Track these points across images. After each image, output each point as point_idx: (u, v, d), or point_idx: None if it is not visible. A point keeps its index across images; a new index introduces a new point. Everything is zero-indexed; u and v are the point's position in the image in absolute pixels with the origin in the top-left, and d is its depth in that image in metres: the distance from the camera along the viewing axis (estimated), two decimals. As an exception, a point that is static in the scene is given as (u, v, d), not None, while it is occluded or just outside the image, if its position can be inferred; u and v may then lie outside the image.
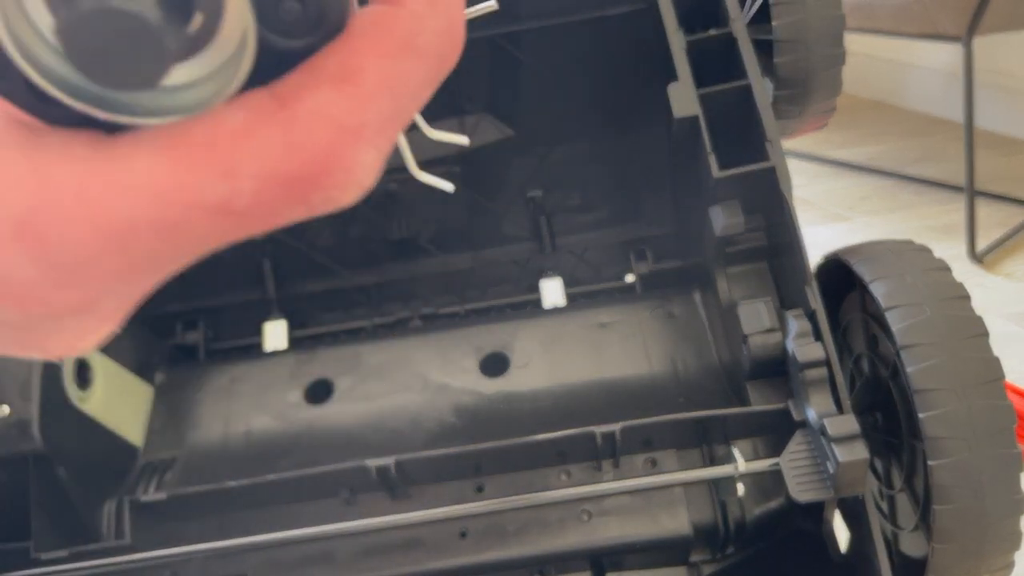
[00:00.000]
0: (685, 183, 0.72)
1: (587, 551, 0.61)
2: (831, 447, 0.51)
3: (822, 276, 0.63)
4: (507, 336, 0.75)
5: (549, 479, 0.62)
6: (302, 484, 0.59)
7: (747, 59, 0.63)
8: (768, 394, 0.60)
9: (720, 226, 0.60)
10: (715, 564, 0.64)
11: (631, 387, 0.70)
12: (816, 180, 1.88)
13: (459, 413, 0.70)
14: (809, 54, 0.67)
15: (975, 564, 0.54)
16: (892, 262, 0.57)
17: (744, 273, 0.64)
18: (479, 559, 0.60)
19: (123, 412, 0.68)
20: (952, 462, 0.51)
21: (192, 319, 0.84)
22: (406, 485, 0.61)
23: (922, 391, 0.52)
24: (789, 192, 0.58)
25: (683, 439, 0.62)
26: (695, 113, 0.62)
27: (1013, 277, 1.41)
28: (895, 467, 0.60)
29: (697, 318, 0.74)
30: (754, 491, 0.62)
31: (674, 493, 0.61)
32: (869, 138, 2.05)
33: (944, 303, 0.54)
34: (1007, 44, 1.81)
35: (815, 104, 0.70)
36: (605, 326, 0.74)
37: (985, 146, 1.83)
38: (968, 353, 0.52)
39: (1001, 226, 1.54)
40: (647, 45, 0.71)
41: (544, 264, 0.87)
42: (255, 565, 0.61)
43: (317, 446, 0.69)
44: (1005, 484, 0.51)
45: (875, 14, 1.48)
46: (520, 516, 0.61)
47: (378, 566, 0.61)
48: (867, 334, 0.62)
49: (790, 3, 0.66)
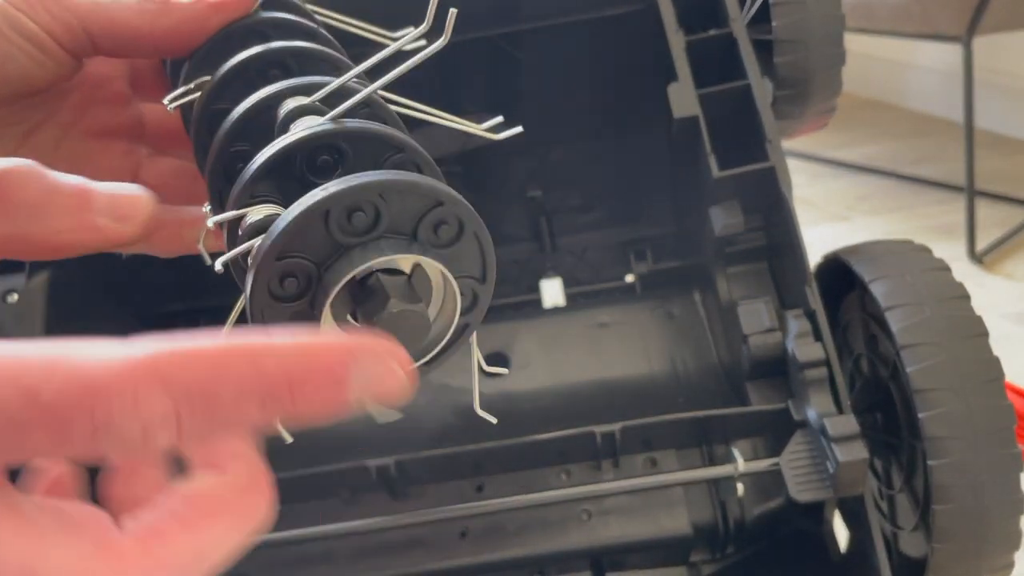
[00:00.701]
0: (685, 183, 0.72)
1: (587, 551, 0.61)
2: (831, 447, 0.51)
3: (822, 276, 0.63)
4: (507, 336, 0.75)
5: (549, 479, 0.62)
6: (302, 484, 0.60)
7: (747, 59, 0.63)
8: (768, 394, 0.60)
9: (720, 226, 0.60)
10: (715, 564, 0.64)
11: (631, 387, 0.70)
12: (816, 180, 1.88)
13: (459, 413, 0.70)
14: (809, 54, 0.67)
15: (975, 564, 0.54)
16: (892, 262, 0.57)
17: (744, 273, 0.64)
18: (479, 559, 0.60)
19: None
20: (952, 462, 0.51)
21: (193, 319, 0.84)
22: (406, 485, 0.61)
23: (922, 391, 0.52)
24: (789, 192, 0.59)
25: (683, 439, 0.62)
26: (695, 113, 0.62)
27: (1013, 277, 1.41)
28: (895, 467, 0.61)
29: (697, 318, 0.74)
30: (754, 491, 0.62)
31: (674, 493, 0.61)
32: (869, 138, 2.06)
33: (944, 303, 0.54)
34: (1007, 44, 1.81)
35: (815, 104, 0.70)
36: (605, 326, 0.75)
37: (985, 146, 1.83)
38: (968, 353, 0.52)
39: (1001, 226, 1.54)
40: (647, 45, 0.71)
41: (544, 264, 0.87)
42: (256, 564, 0.61)
43: (317, 446, 0.69)
44: (1005, 484, 0.51)
45: (875, 14, 1.48)
46: (520, 516, 0.61)
47: (378, 566, 0.61)
48: (867, 334, 0.62)
49: (790, 3, 0.66)
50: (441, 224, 0.27)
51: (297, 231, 0.25)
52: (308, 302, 0.27)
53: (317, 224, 0.26)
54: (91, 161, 0.38)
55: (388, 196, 0.26)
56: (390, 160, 0.29)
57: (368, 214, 0.26)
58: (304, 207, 0.25)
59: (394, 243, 0.26)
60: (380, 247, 0.26)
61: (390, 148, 0.29)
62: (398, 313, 0.26)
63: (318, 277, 0.27)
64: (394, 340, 0.23)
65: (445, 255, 0.27)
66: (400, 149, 0.29)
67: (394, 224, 0.26)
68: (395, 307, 0.26)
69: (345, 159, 0.29)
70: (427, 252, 0.27)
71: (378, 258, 0.26)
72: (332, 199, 0.25)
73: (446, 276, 0.27)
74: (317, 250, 0.26)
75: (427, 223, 0.27)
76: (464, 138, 0.88)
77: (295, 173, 0.29)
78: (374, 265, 0.26)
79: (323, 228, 0.26)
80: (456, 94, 0.82)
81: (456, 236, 0.27)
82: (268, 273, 0.26)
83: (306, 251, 0.26)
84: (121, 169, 0.39)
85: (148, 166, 0.40)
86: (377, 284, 0.26)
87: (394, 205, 0.26)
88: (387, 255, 0.26)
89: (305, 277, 0.26)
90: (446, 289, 0.28)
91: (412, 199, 0.26)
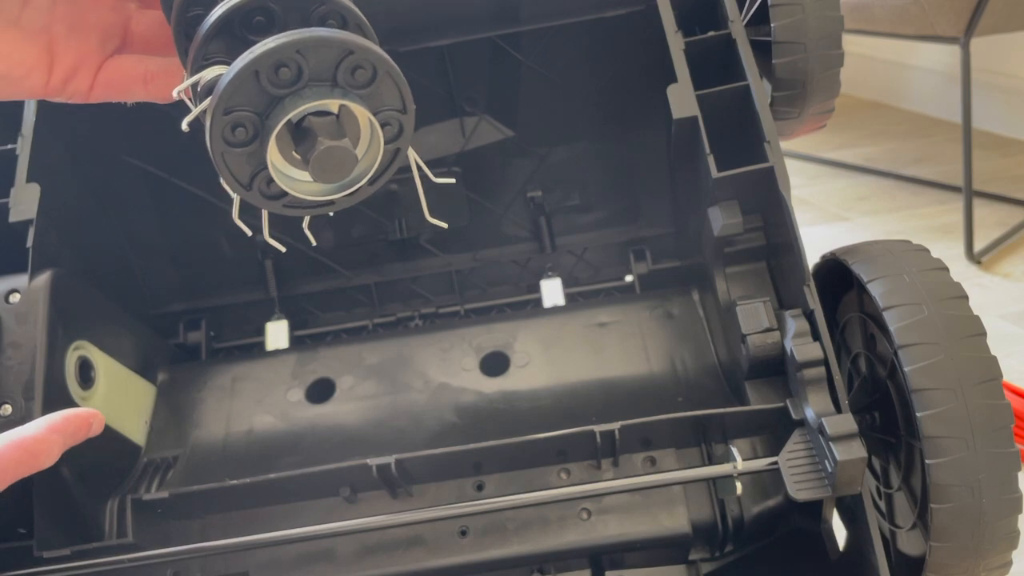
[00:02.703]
0: (684, 184, 0.72)
1: (587, 549, 0.61)
2: (829, 446, 0.51)
3: (820, 276, 0.63)
4: (507, 336, 0.75)
5: (549, 478, 0.62)
6: (303, 483, 0.60)
7: (746, 60, 0.63)
8: (766, 393, 0.60)
9: (719, 226, 0.61)
10: (714, 562, 0.64)
11: (630, 386, 0.70)
12: (815, 180, 1.88)
13: (459, 412, 0.70)
14: (807, 55, 0.67)
15: (973, 563, 0.54)
16: (890, 262, 0.57)
17: (743, 273, 0.64)
18: (479, 557, 0.61)
19: (125, 411, 0.69)
20: (950, 461, 0.51)
21: (195, 319, 0.84)
22: (407, 483, 0.61)
23: (920, 390, 0.52)
24: (788, 192, 0.59)
25: (682, 438, 0.63)
26: (694, 114, 0.62)
27: (1011, 277, 1.41)
28: (893, 466, 0.61)
29: (696, 318, 0.74)
30: (753, 490, 0.62)
31: (673, 492, 0.62)
32: (867, 139, 2.06)
33: (942, 303, 0.54)
34: (1005, 45, 1.81)
35: (813, 105, 0.70)
36: (604, 326, 0.75)
37: (983, 146, 1.83)
38: (966, 353, 0.53)
39: (999, 226, 1.54)
40: (646, 47, 0.71)
41: (544, 264, 0.87)
42: (257, 563, 0.62)
43: (318, 445, 0.69)
44: (1002, 483, 0.52)
45: (873, 15, 1.49)
46: (520, 514, 0.61)
47: (379, 564, 0.61)
48: (865, 334, 0.62)
49: (788, 5, 0.67)
50: (357, 68, 0.32)
51: (234, 90, 0.31)
52: (257, 145, 0.33)
53: (250, 81, 0.31)
54: (84, 17, 0.41)
55: (304, 51, 0.31)
56: (316, 14, 0.34)
57: (292, 68, 0.31)
58: (236, 70, 0.31)
59: (317, 90, 0.32)
60: (305, 94, 0.32)
61: (316, 2, 0.34)
62: (326, 149, 0.32)
63: (261, 124, 0.32)
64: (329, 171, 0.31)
65: (366, 94, 0.33)
66: (323, 2, 0.34)
67: (316, 73, 0.32)
68: (322, 144, 0.32)
69: (275, 18, 0.34)
70: (347, 95, 0.32)
71: (304, 104, 0.31)
72: (256, 60, 0.31)
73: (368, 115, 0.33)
74: (256, 102, 0.32)
75: (344, 69, 0.32)
76: (464, 138, 0.89)
77: (237, 33, 0.34)
78: (305, 110, 0.32)
79: (256, 84, 0.31)
80: (456, 95, 0.82)
81: (372, 78, 0.32)
82: (220, 126, 0.32)
83: (247, 104, 0.32)
84: (112, 24, 0.42)
85: (137, 18, 0.43)
86: (309, 125, 0.32)
87: (312, 58, 0.31)
88: (311, 101, 0.31)
89: (251, 125, 0.32)
90: (372, 125, 0.34)
91: (326, 51, 0.31)
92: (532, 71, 0.80)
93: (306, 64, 0.31)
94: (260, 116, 0.32)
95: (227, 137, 0.32)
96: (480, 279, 0.88)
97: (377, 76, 0.32)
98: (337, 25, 0.35)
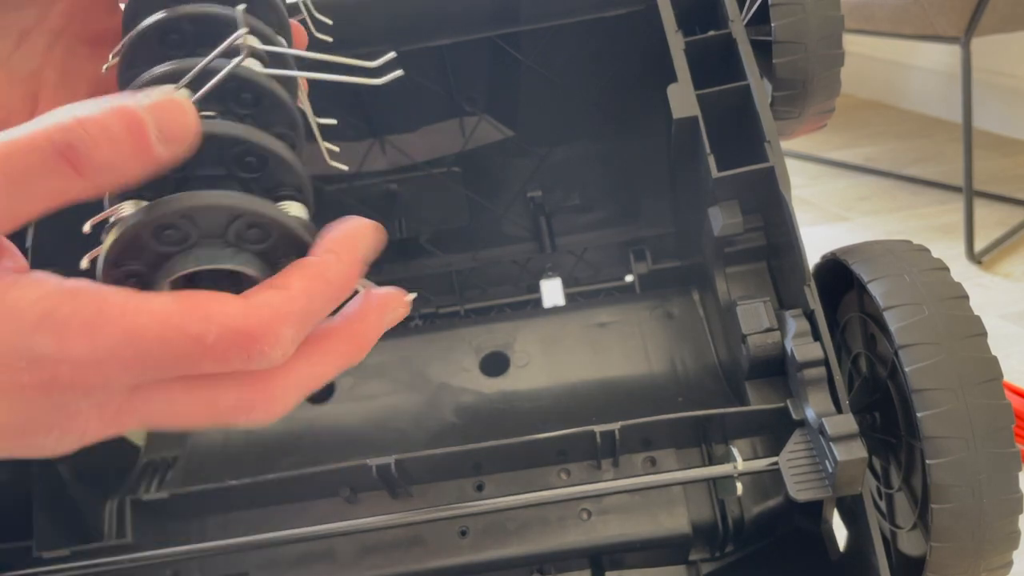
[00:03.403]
0: (684, 184, 0.72)
1: (587, 549, 0.61)
2: (829, 446, 0.51)
3: (820, 276, 0.63)
4: (507, 336, 0.75)
5: (549, 478, 0.62)
6: (303, 483, 0.60)
7: (746, 60, 0.63)
8: (767, 393, 0.60)
9: (719, 226, 0.61)
10: (714, 563, 0.64)
11: (630, 386, 0.70)
12: (815, 180, 1.88)
13: (459, 412, 0.70)
14: (808, 55, 0.67)
15: (973, 563, 0.54)
16: (890, 262, 0.57)
17: (743, 273, 0.64)
18: (479, 557, 0.61)
19: (124, 411, 0.68)
20: (950, 461, 0.51)
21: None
22: (407, 484, 0.61)
23: (920, 390, 0.52)
24: (788, 192, 0.59)
25: (682, 438, 0.62)
26: (694, 114, 0.62)
27: (1011, 277, 1.41)
28: (893, 466, 0.61)
29: (696, 318, 0.74)
30: (753, 490, 0.62)
31: (673, 492, 0.62)
32: (868, 139, 2.06)
33: (942, 303, 0.54)
34: (1005, 45, 1.81)
35: (814, 105, 0.70)
36: (604, 326, 0.75)
37: (983, 146, 1.83)
38: (966, 353, 0.53)
39: (999, 226, 1.54)
40: (646, 46, 0.71)
41: (544, 264, 0.87)
42: (256, 564, 0.62)
43: (318, 445, 0.69)
44: (1003, 483, 0.51)
45: (874, 15, 1.49)
46: (520, 515, 0.61)
47: (379, 564, 0.61)
48: (865, 334, 0.62)
49: (789, 4, 0.66)
50: (250, 228, 0.30)
51: (123, 248, 0.29)
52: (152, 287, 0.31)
53: (140, 240, 0.29)
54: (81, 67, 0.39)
55: (191, 215, 0.29)
56: (231, 153, 0.31)
57: (179, 229, 0.29)
58: (120, 231, 0.29)
59: (207, 251, 0.30)
60: (195, 256, 0.30)
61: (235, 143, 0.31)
62: None
63: (151, 276, 0.30)
64: None
65: (262, 249, 0.31)
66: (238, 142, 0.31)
67: (208, 230, 0.30)
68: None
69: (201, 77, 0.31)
70: (237, 257, 0.30)
71: (191, 268, 0.30)
72: (139, 225, 0.29)
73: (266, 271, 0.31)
74: (146, 257, 0.30)
75: (234, 230, 0.30)
76: (464, 138, 0.89)
77: None
78: (192, 270, 0.30)
79: (146, 242, 0.29)
80: (455, 95, 0.82)
81: (265, 235, 0.30)
82: (110, 277, 0.30)
83: (136, 259, 0.30)
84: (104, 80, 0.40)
85: None
86: (203, 276, 0.31)
87: (200, 221, 0.29)
88: (200, 265, 0.30)
89: (141, 277, 0.30)
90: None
91: (213, 214, 0.29)
92: (532, 71, 0.80)
93: (194, 226, 0.29)
94: (151, 270, 0.30)
95: (120, 281, 0.30)
96: (480, 279, 0.88)
97: (271, 235, 0.30)
98: (251, 113, 0.32)
